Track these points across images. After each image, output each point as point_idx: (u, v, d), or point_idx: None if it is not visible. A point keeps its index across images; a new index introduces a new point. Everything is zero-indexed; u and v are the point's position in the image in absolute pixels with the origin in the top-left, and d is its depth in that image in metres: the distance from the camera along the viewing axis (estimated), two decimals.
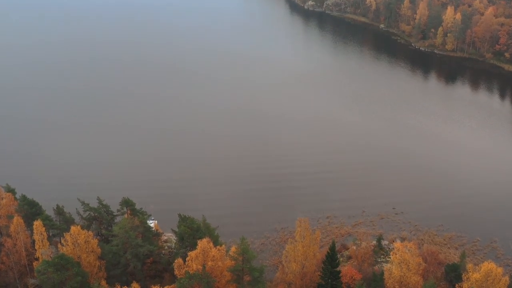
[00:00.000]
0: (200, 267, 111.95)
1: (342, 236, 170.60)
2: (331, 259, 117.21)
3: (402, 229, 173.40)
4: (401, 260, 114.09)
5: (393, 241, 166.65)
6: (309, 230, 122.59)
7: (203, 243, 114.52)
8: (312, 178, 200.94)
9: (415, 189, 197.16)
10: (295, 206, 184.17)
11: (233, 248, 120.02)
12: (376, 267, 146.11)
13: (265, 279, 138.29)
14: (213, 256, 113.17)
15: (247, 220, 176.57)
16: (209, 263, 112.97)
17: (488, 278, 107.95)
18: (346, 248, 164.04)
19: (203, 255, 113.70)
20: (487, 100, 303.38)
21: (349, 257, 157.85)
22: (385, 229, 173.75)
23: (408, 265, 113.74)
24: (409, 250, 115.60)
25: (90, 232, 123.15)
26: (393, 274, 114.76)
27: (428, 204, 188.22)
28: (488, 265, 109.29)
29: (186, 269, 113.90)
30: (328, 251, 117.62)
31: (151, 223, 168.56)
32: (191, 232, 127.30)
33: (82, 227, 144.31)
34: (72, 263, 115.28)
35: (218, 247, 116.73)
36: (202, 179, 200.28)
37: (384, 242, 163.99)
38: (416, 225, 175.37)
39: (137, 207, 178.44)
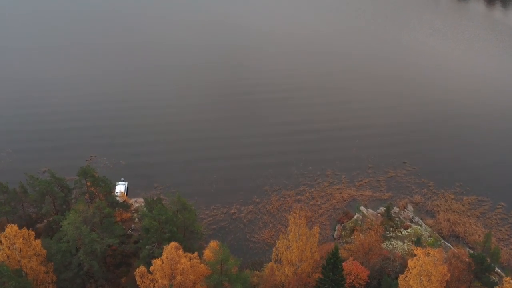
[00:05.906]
0: (166, 282, 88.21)
1: (345, 200, 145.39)
2: (333, 267, 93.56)
3: (415, 192, 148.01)
4: (421, 270, 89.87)
5: (404, 208, 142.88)
6: (305, 227, 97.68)
7: (170, 250, 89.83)
8: (308, 129, 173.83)
9: (429, 140, 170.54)
10: (289, 162, 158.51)
11: (211, 244, 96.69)
12: (385, 249, 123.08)
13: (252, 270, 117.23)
14: (183, 270, 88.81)
15: (232, 182, 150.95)
16: (178, 277, 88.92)
17: None
18: (349, 217, 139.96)
19: (170, 267, 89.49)
20: (504, 19, 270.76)
21: (352, 230, 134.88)
22: (394, 192, 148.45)
23: (430, 277, 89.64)
24: (432, 258, 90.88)
25: (31, 231, 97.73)
26: (409, 286, 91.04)
27: (444, 158, 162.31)
28: None
29: (151, 277, 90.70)
30: (330, 256, 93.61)
31: (122, 186, 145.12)
32: (158, 225, 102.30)
33: (35, 201, 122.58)
34: (8, 275, 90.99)
35: (189, 255, 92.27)
36: (180, 132, 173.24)
37: (394, 210, 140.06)
38: (430, 186, 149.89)
39: (105, 166, 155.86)
